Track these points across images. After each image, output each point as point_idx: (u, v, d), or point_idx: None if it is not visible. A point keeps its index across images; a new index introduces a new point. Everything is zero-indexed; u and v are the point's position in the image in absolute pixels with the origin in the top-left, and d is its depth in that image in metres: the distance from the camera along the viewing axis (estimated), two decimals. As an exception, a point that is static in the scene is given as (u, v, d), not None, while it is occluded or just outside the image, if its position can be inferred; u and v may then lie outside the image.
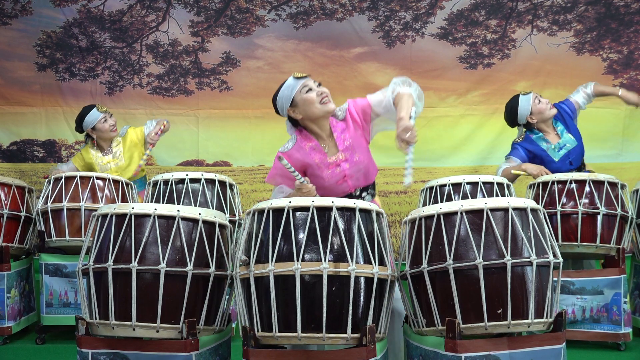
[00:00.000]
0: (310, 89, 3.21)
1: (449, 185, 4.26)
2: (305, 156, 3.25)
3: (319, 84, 3.25)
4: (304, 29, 6.45)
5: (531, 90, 4.80)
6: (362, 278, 2.60)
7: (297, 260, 2.55)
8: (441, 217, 2.70)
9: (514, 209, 2.68)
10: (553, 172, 4.54)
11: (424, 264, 2.70)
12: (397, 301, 3.05)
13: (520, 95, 4.76)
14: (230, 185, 4.34)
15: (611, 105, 6.22)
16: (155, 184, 4.28)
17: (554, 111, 4.72)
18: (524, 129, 4.82)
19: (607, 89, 4.90)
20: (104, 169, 5.00)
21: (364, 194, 3.30)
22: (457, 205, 2.69)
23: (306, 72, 3.30)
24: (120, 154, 5.05)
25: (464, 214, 2.66)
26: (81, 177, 4.35)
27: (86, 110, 5.04)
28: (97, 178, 4.38)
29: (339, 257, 2.59)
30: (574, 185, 4.14)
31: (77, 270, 2.87)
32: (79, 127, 5.09)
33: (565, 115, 4.76)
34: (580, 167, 4.72)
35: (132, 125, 5.26)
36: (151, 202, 4.23)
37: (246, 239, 2.74)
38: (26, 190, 4.59)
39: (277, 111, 3.31)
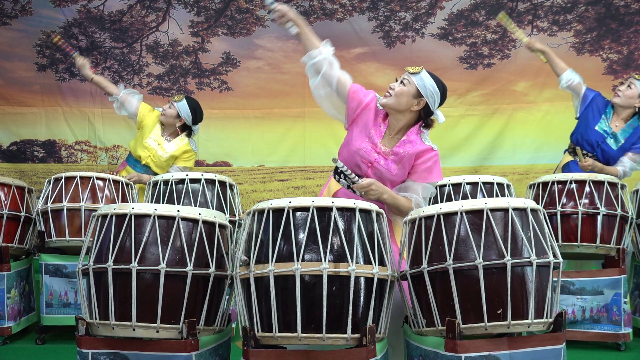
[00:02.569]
0: (397, 80, 3.31)
1: (449, 186, 4.27)
2: (374, 116, 3.31)
3: (402, 82, 3.28)
4: (304, 29, 6.44)
5: None
6: (362, 278, 2.61)
7: (297, 261, 2.55)
8: (441, 217, 2.70)
9: (514, 209, 2.68)
10: (584, 130, 4.76)
11: (424, 264, 2.70)
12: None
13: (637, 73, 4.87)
14: (230, 186, 4.34)
15: (611, 105, 6.22)
16: (155, 184, 4.28)
17: (631, 111, 4.76)
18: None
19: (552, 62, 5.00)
20: (149, 143, 5.01)
21: None
22: (457, 205, 2.70)
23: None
24: (169, 153, 5.03)
25: (464, 214, 2.66)
26: (81, 177, 4.35)
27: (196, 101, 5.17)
28: (97, 178, 4.38)
29: (339, 257, 2.59)
30: (574, 185, 4.15)
31: (77, 270, 2.87)
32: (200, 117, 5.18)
33: (636, 137, 4.78)
34: (603, 162, 4.77)
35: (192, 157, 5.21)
36: (151, 202, 4.23)
37: (246, 239, 2.74)
38: (26, 190, 4.59)
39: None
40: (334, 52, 3.42)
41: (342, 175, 3.28)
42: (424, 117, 3.33)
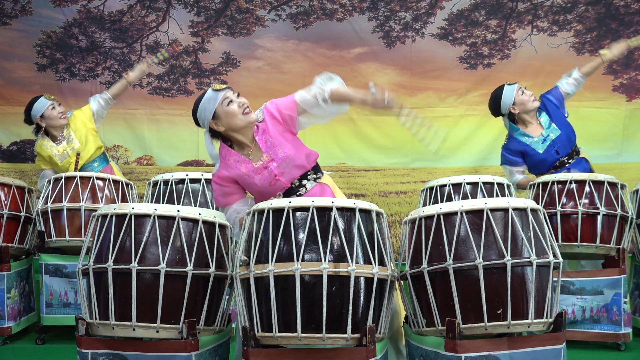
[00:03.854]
0: (231, 101, 3.17)
1: (449, 186, 4.27)
2: (232, 171, 3.19)
3: (238, 95, 3.22)
4: (304, 29, 6.45)
5: (517, 82, 4.76)
6: (362, 278, 2.61)
7: (297, 261, 2.55)
8: (441, 217, 2.70)
9: (514, 209, 2.68)
10: (539, 163, 4.62)
11: (424, 264, 2.70)
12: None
13: (505, 85, 4.72)
14: (230, 186, 4.33)
15: (611, 105, 6.22)
16: (155, 184, 4.28)
17: (537, 104, 4.67)
18: (508, 120, 4.80)
19: (591, 64, 4.87)
20: (63, 157, 4.82)
21: (304, 182, 3.20)
22: (457, 205, 2.70)
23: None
24: (73, 137, 4.86)
25: (464, 214, 2.66)
26: (81, 178, 4.35)
27: (34, 100, 4.87)
28: (97, 178, 4.38)
29: (339, 257, 2.59)
30: (574, 185, 4.14)
31: (77, 270, 2.87)
32: (28, 118, 4.88)
33: (551, 106, 4.72)
34: (572, 154, 4.67)
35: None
36: (151, 202, 4.23)
37: (246, 239, 2.74)
38: (26, 190, 4.59)
39: (197, 123, 3.25)
40: (334, 52, 3.39)
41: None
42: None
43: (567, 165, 4.67)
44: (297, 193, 3.18)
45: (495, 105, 4.80)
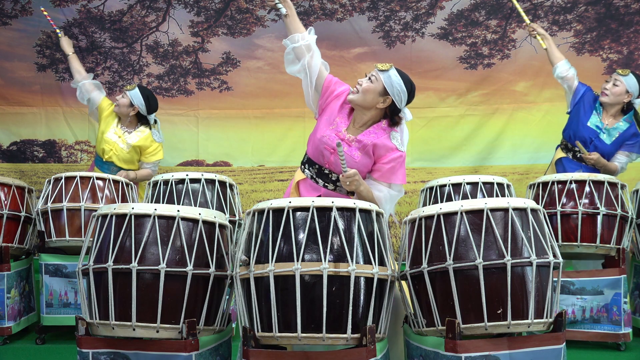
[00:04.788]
0: (366, 76, 3.32)
1: (449, 186, 4.27)
2: (341, 106, 3.34)
3: (369, 78, 3.28)
4: (304, 29, 6.44)
5: (627, 73, 4.83)
6: (362, 278, 2.61)
7: (297, 261, 2.55)
8: (441, 217, 2.70)
9: (514, 209, 2.68)
10: (576, 127, 4.81)
11: (424, 264, 2.70)
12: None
13: (621, 69, 4.91)
14: (230, 186, 4.34)
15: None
16: (155, 184, 4.28)
17: (605, 99, 4.79)
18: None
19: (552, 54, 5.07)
20: (109, 137, 5.08)
21: (339, 184, 3.30)
22: (457, 205, 2.70)
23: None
24: (131, 145, 5.08)
25: (464, 214, 2.66)
26: (81, 178, 4.35)
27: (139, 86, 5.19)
28: (97, 178, 4.38)
29: (339, 257, 2.59)
30: (574, 185, 4.15)
31: (77, 270, 2.87)
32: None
33: (627, 136, 4.82)
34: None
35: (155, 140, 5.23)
36: (151, 202, 4.23)
37: (246, 239, 2.74)
38: (26, 190, 4.59)
39: None
40: (334, 52, 3.43)
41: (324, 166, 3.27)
42: (390, 115, 3.31)
43: (583, 164, 4.80)
44: (326, 184, 3.31)
45: None
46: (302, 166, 3.42)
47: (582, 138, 4.79)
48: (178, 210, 2.78)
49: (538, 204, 3.24)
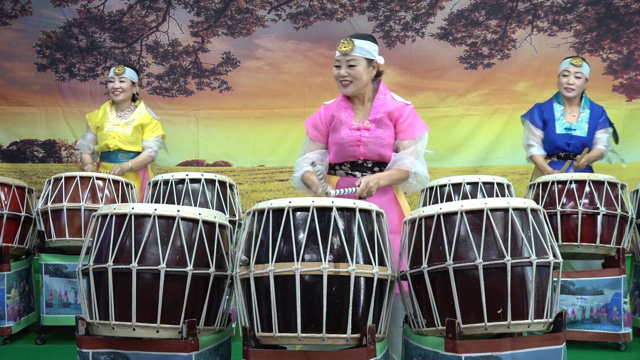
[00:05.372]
0: (338, 67, 3.32)
1: (449, 186, 4.26)
2: (336, 109, 3.37)
3: (352, 66, 3.27)
4: (304, 29, 6.45)
5: (575, 59, 4.90)
6: (362, 278, 2.61)
7: (297, 261, 2.55)
8: (441, 217, 2.70)
9: (514, 209, 2.68)
10: (549, 141, 4.90)
11: (424, 264, 2.70)
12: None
13: (566, 58, 4.96)
14: (230, 186, 4.33)
15: (611, 106, 6.20)
16: (155, 184, 4.27)
17: (570, 94, 4.88)
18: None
19: (590, 155, 4.87)
20: (110, 130, 5.09)
21: (376, 169, 3.34)
22: (457, 205, 2.69)
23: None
24: (132, 126, 5.11)
25: (464, 214, 2.66)
26: (81, 178, 4.35)
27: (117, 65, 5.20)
28: (97, 178, 4.38)
29: (339, 257, 2.59)
30: (574, 185, 4.14)
31: (77, 270, 2.87)
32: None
33: (597, 118, 4.91)
34: (578, 154, 4.86)
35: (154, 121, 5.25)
36: (151, 202, 4.23)
37: (246, 239, 2.74)
38: (26, 190, 4.59)
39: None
40: (334, 52, 3.44)
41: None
42: (376, 74, 3.39)
43: (571, 159, 4.88)
44: (364, 173, 3.32)
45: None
46: (332, 171, 3.42)
47: (559, 146, 4.90)
48: (178, 210, 2.77)
49: (538, 204, 3.24)
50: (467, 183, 4.26)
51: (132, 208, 2.76)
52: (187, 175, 4.23)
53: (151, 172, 5.25)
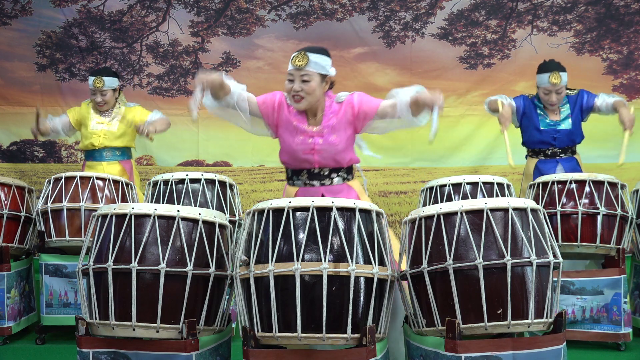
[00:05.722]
0: (291, 80, 3.26)
1: (449, 186, 4.26)
2: (288, 114, 3.32)
3: (305, 81, 3.23)
4: (304, 29, 6.45)
5: (559, 78, 4.76)
6: (362, 278, 2.61)
7: (297, 261, 2.55)
8: (441, 217, 2.70)
9: (514, 209, 2.68)
10: (533, 137, 4.80)
11: (424, 264, 2.70)
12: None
13: (546, 73, 4.80)
14: (230, 186, 4.33)
15: (611, 106, 6.22)
16: (155, 184, 4.27)
17: (555, 108, 4.79)
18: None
19: (624, 112, 4.68)
20: (94, 128, 4.98)
21: (333, 175, 3.30)
22: (457, 205, 2.70)
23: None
24: (117, 121, 5.00)
25: (464, 214, 2.66)
26: (81, 178, 4.35)
27: (95, 72, 5.06)
28: (97, 178, 4.38)
29: (339, 257, 2.59)
30: (574, 185, 4.14)
31: (77, 270, 2.87)
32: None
33: (579, 104, 4.81)
34: (566, 150, 4.78)
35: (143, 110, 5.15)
36: (151, 202, 4.23)
37: (246, 239, 2.74)
38: (26, 190, 4.59)
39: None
40: (334, 52, 3.43)
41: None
42: (330, 85, 3.37)
43: (557, 158, 4.78)
44: (322, 182, 3.29)
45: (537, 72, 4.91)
46: (290, 181, 3.38)
47: (544, 141, 4.79)
48: (178, 210, 2.77)
49: (538, 204, 3.24)
50: (467, 183, 4.26)
51: (132, 208, 2.76)
52: (187, 175, 4.23)
53: (137, 177, 5.18)
